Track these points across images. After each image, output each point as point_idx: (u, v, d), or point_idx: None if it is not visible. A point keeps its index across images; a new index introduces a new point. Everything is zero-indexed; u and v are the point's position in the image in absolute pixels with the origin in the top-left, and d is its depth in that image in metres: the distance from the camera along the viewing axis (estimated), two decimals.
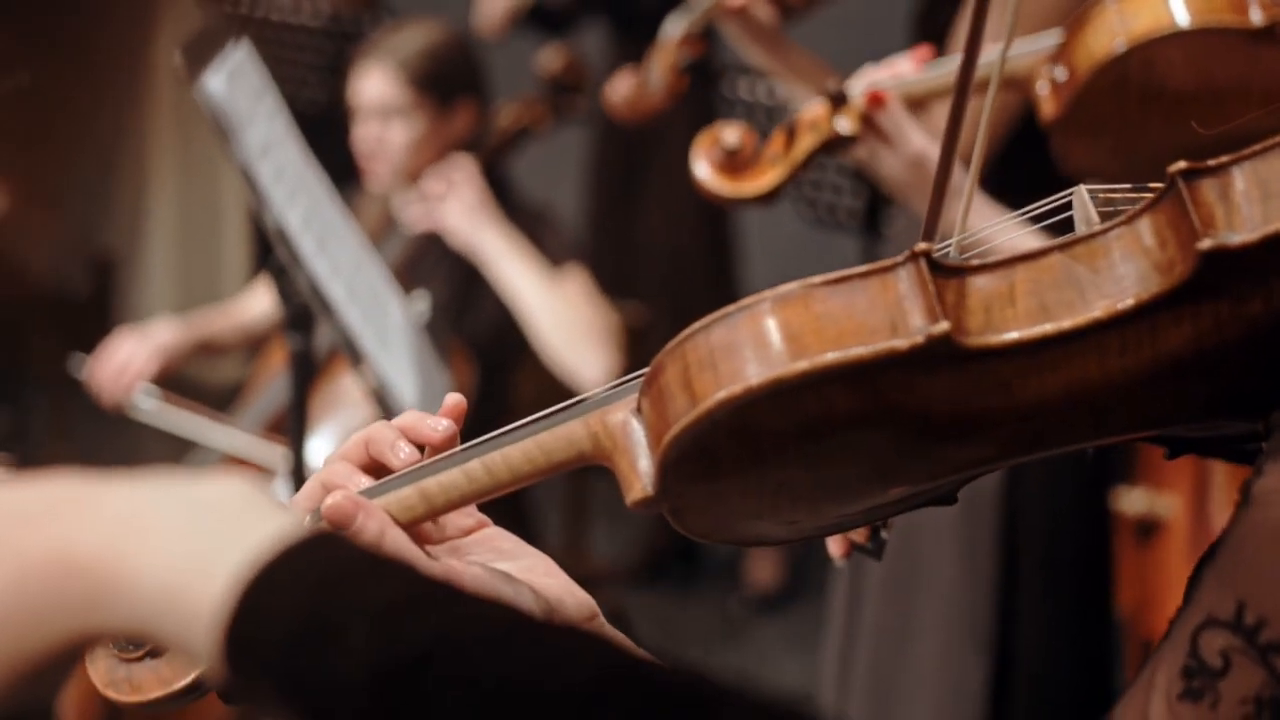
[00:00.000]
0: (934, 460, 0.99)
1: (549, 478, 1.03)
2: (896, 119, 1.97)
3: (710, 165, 2.09)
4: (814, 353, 0.91)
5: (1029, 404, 0.95)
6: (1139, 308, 0.93)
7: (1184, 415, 0.99)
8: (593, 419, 1.01)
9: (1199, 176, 0.93)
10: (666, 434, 0.95)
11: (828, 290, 0.93)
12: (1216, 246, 0.90)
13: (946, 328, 0.91)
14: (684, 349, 0.95)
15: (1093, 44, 1.85)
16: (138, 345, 3.33)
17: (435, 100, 3.33)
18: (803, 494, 1.00)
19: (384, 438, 1.05)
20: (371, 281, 2.59)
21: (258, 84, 2.41)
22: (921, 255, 0.93)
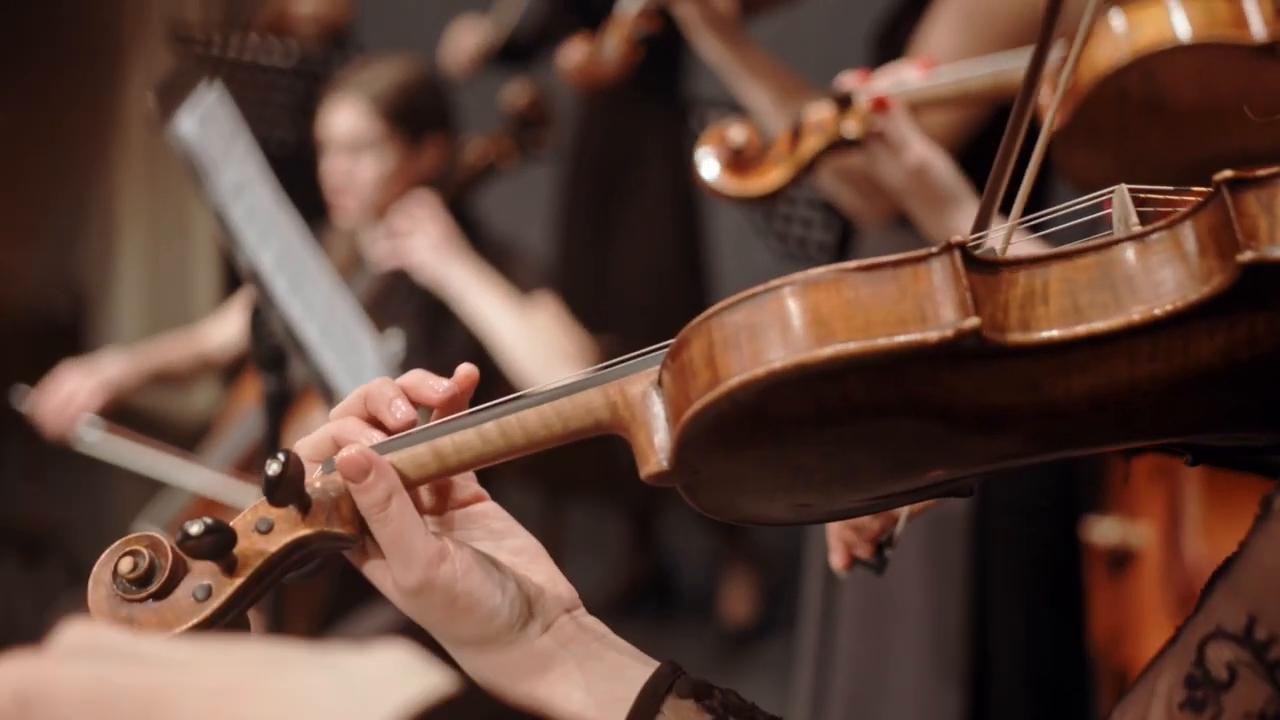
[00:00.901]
0: (955, 453, 0.97)
1: (565, 444, 1.02)
2: (900, 125, 1.97)
3: (716, 163, 2.09)
4: (840, 339, 0.90)
5: (1055, 404, 0.93)
6: (1174, 315, 0.91)
7: (1212, 424, 0.97)
8: (612, 388, 1.00)
9: (1245, 187, 0.91)
10: (687, 410, 0.94)
11: (859, 276, 0.91)
12: (1258, 259, 0.88)
13: (977, 323, 0.89)
14: (710, 325, 0.94)
15: (1096, 55, 1.87)
16: (82, 379, 3.36)
17: (405, 135, 3.34)
18: (818, 478, 0.98)
19: (383, 395, 1.05)
20: (345, 321, 2.59)
21: (230, 126, 2.41)
22: (957, 247, 0.92)
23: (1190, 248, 0.92)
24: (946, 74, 2.05)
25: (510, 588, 1.04)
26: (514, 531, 1.09)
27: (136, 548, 0.97)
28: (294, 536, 0.99)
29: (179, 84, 2.33)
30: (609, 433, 1.01)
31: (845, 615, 2.76)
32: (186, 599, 0.98)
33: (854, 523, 1.55)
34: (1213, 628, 0.91)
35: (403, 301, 3.34)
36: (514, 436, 1.02)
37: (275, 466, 0.97)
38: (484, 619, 1.03)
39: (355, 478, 0.99)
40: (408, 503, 1.01)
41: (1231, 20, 1.82)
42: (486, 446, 1.02)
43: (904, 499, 1.04)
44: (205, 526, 0.95)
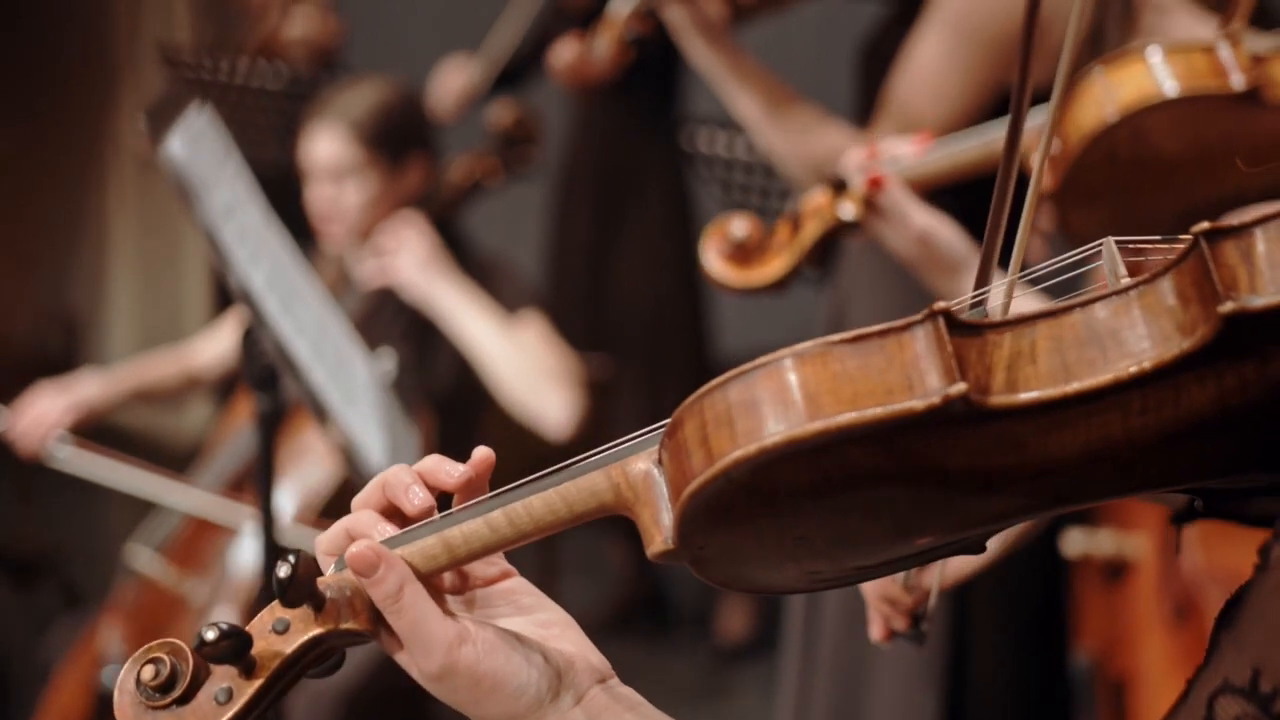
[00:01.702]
0: (955, 515, 0.98)
1: (573, 527, 1.04)
2: (898, 200, 1.99)
3: (719, 257, 2.12)
4: (830, 413, 0.91)
5: (1050, 461, 0.94)
6: (1161, 368, 0.91)
7: (1212, 471, 0.97)
8: (615, 470, 1.02)
9: (1222, 237, 0.91)
10: (684, 489, 0.95)
11: (845, 349, 0.93)
12: (1238, 309, 0.89)
13: (964, 389, 0.90)
14: (702, 405, 0.95)
15: (1081, 117, 1.89)
16: (53, 398, 3.39)
17: (387, 158, 3.35)
18: (822, 547, 0.99)
19: (400, 482, 1.07)
20: (336, 340, 2.59)
21: (220, 147, 2.42)
22: (940, 314, 0.93)
23: (1173, 300, 0.92)
24: (939, 147, 2.07)
25: (537, 662, 1.05)
26: (542, 605, 1.10)
27: (158, 655, 1.00)
28: (309, 635, 1.02)
29: (169, 106, 2.34)
30: (614, 514, 1.03)
31: (828, 624, 2.76)
32: (209, 703, 1.00)
33: (888, 595, 1.58)
34: (1220, 682, 0.92)
35: (390, 320, 3.36)
36: (521, 524, 1.03)
37: (285, 569, 1.00)
38: (511, 696, 1.03)
39: (365, 572, 1.01)
40: (421, 592, 1.02)
41: (1210, 71, 1.85)
42: (494, 535, 1.03)
43: (915, 560, 1.05)
44: (220, 632, 0.98)
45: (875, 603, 1.59)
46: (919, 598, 1.58)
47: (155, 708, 1.00)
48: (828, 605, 2.76)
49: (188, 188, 2.26)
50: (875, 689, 2.73)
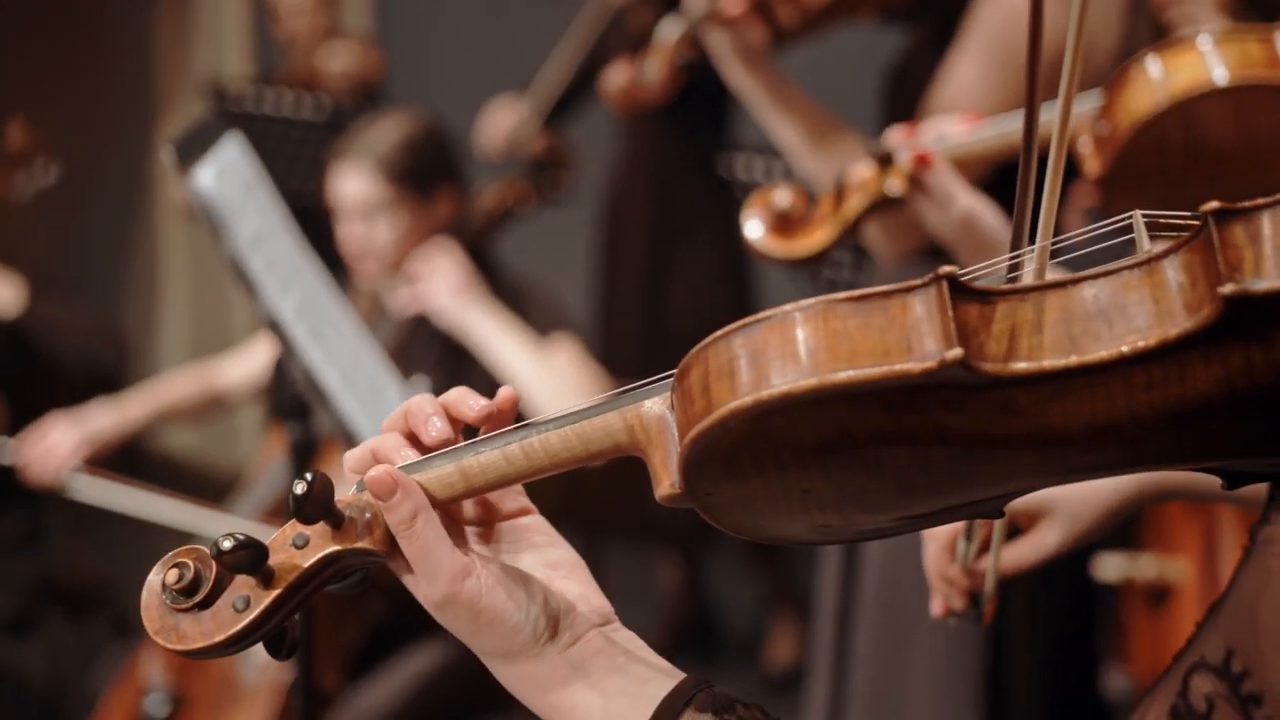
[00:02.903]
0: (961, 479, 0.98)
1: (588, 464, 1.06)
2: (944, 179, 1.98)
3: (762, 226, 2.11)
4: (826, 370, 0.92)
5: (1054, 432, 0.93)
6: (1165, 345, 0.91)
7: (1222, 450, 0.96)
8: (630, 412, 1.04)
9: (1230, 218, 0.91)
10: (687, 435, 0.97)
11: (848, 307, 0.93)
12: (1239, 291, 0.89)
13: (960, 354, 0.90)
14: (707, 354, 0.97)
15: (1133, 103, 1.87)
16: (65, 430, 3.42)
17: (415, 192, 3.36)
18: (830, 502, 0.99)
19: (421, 411, 1.10)
20: (369, 368, 2.60)
21: (250, 176, 2.44)
22: (944, 278, 0.93)
23: (1182, 278, 0.92)
24: (989, 127, 2.05)
25: (538, 601, 1.07)
26: (554, 544, 1.14)
27: (184, 560, 1.05)
28: (326, 552, 1.05)
29: (199, 136, 2.36)
30: (628, 454, 1.05)
31: (861, 649, 2.75)
32: (227, 609, 1.04)
33: (947, 575, 1.59)
34: (1197, 658, 0.93)
35: (424, 347, 3.37)
36: (537, 457, 1.06)
37: (301, 486, 1.03)
38: (508, 633, 1.07)
39: (382, 495, 1.04)
40: (434, 520, 1.06)
41: (1266, 60, 1.82)
42: (510, 467, 1.06)
43: (929, 520, 1.05)
44: (236, 542, 1.03)
45: (936, 581, 1.61)
46: (977, 580, 1.59)
47: (179, 610, 1.04)
48: (860, 629, 2.74)
49: (213, 217, 2.28)
50: (910, 703, 2.71)
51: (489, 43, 5.84)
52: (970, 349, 0.91)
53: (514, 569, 1.08)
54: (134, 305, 6.71)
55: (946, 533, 1.60)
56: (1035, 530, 1.61)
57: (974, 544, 1.59)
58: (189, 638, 1.04)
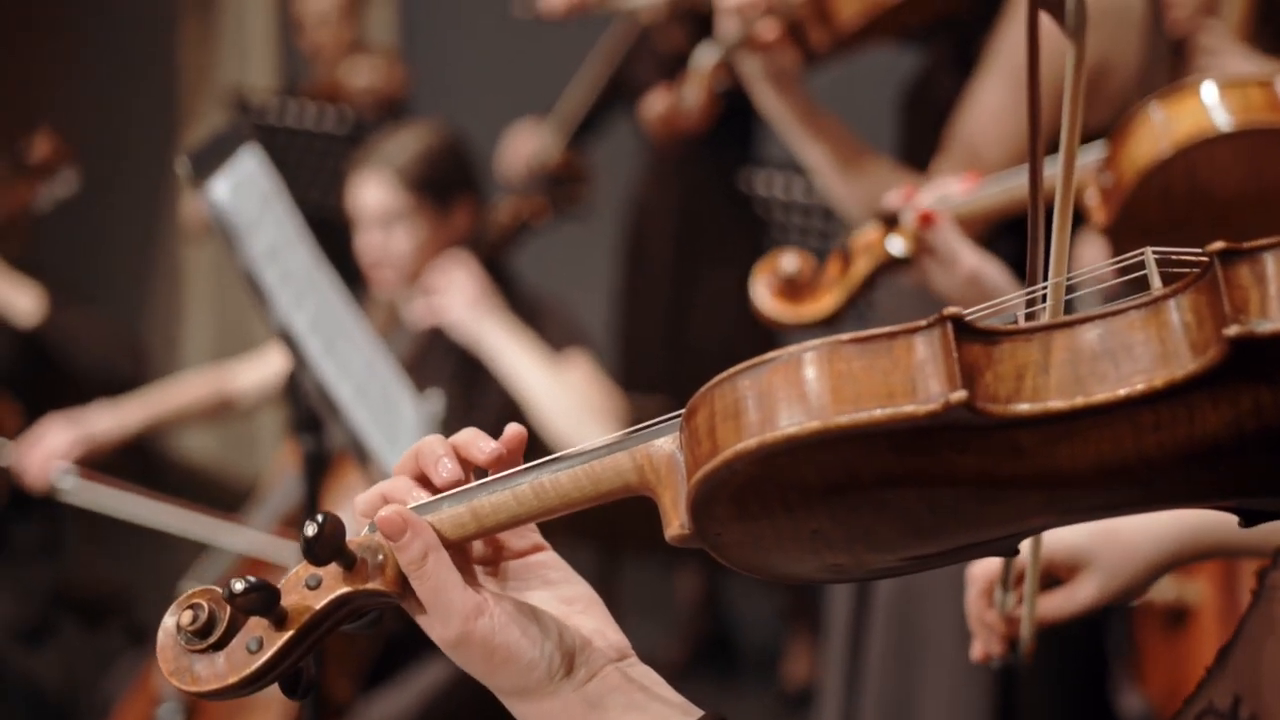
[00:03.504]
0: (971, 519, 0.97)
1: (598, 505, 1.07)
2: (948, 238, 1.99)
3: (769, 291, 2.12)
4: (831, 412, 0.92)
5: (1062, 473, 0.93)
6: (1171, 387, 0.90)
7: (1236, 490, 0.96)
8: (640, 452, 1.04)
9: (1236, 259, 0.91)
10: (693, 477, 0.97)
11: (853, 349, 0.93)
12: (1244, 333, 0.88)
13: (964, 396, 0.90)
14: (713, 395, 0.97)
15: (1136, 152, 1.88)
16: (61, 431, 3.44)
17: (434, 202, 3.37)
18: (839, 543, 0.99)
19: (432, 452, 1.10)
20: (383, 381, 2.60)
21: (267, 189, 2.44)
22: (949, 319, 0.93)
23: (1189, 318, 0.91)
24: (990, 185, 2.05)
25: (552, 638, 1.07)
26: (569, 581, 1.13)
27: (198, 601, 1.06)
28: (338, 593, 1.06)
29: (214, 149, 2.36)
30: (638, 494, 1.05)
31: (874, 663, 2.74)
32: (241, 650, 1.05)
33: (985, 620, 1.61)
34: (1206, 704, 0.93)
35: (440, 360, 3.38)
36: (547, 497, 1.06)
37: (312, 528, 1.04)
38: (523, 670, 1.06)
39: (393, 536, 1.05)
40: (445, 559, 1.05)
41: (1267, 104, 1.83)
42: (521, 507, 1.06)
43: (941, 559, 1.04)
44: (247, 585, 1.03)
45: (975, 626, 1.62)
46: (1015, 627, 1.60)
47: (193, 651, 1.05)
48: (873, 645, 2.73)
49: (228, 229, 2.29)
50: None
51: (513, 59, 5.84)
52: (975, 390, 0.91)
53: (527, 606, 1.08)
54: (156, 315, 6.73)
55: (985, 579, 1.62)
56: (1073, 582, 1.62)
57: (1012, 592, 1.60)
58: (203, 679, 1.05)
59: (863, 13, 2.49)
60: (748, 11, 2.50)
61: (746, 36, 2.51)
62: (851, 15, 2.50)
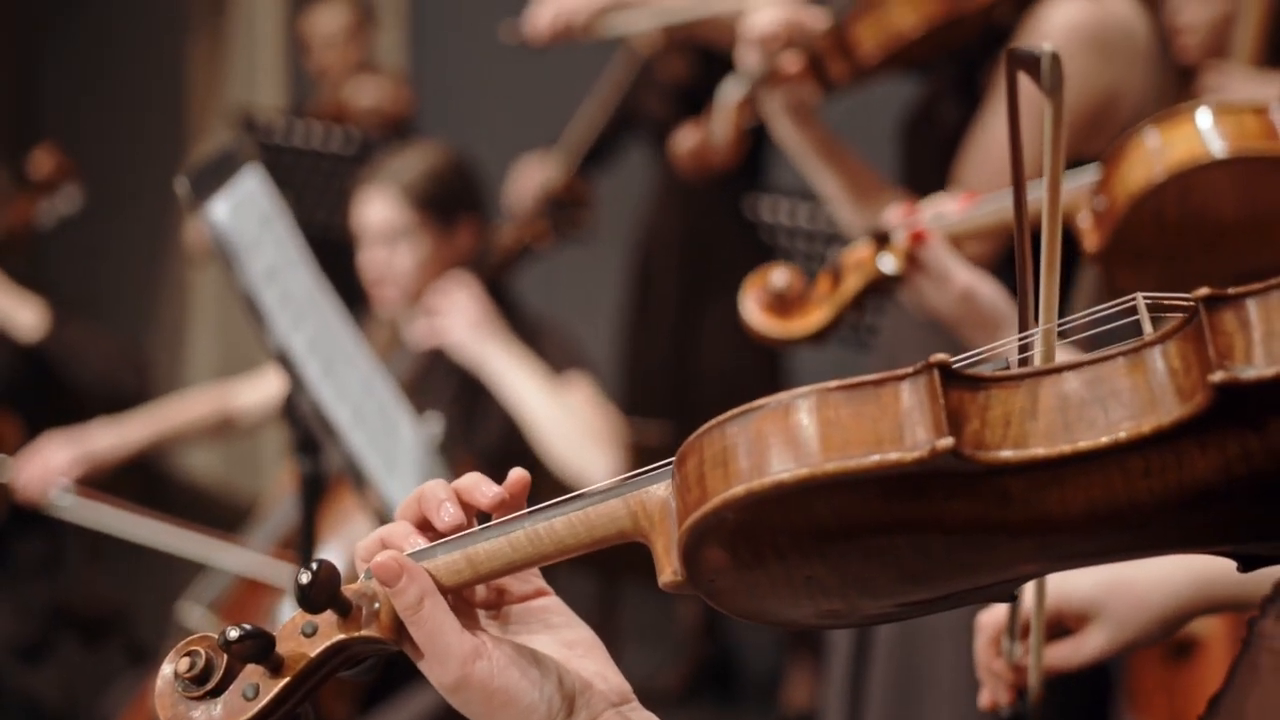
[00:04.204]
0: (963, 566, 0.97)
1: (593, 551, 1.07)
2: (940, 256, 1.99)
3: (758, 306, 2.12)
4: (818, 460, 0.92)
5: (1052, 519, 0.93)
6: (1159, 433, 0.90)
7: (1225, 537, 0.96)
8: (634, 499, 1.04)
9: (1221, 305, 0.91)
10: (684, 524, 0.98)
11: (840, 396, 0.94)
12: (1229, 380, 0.88)
13: (951, 443, 0.90)
14: (703, 442, 0.97)
15: (1129, 176, 1.87)
16: (59, 447, 3.45)
17: (438, 221, 3.38)
18: (833, 589, 0.99)
19: (434, 497, 1.10)
20: (381, 403, 2.60)
21: (267, 209, 2.44)
22: (936, 366, 0.93)
23: (1176, 364, 0.91)
24: (986, 204, 2.05)
25: (551, 681, 1.07)
26: (571, 624, 1.13)
27: (195, 649, 1.06)
28: (333, 640, 1.06)
29: (214, 169, 2.36)
30: (632, 541, 1.05)
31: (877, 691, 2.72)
32: (237, 698, 1.06)
33: (993, 668, 1.60)
34: None
35: (441, 381, 3.38)
36: (543, 544, 1.06)
37: (306, 575, 1.04)
38: (523, 713, 1.06)
39: (388, 581, 1.05)
40: (441, 604, 1.06)
41: (1261, 132, 1.82)
42: (517, 553, 1.06)
43: (937, 605, 1.04)
44: (243, 632, 1.04)
45: (983, 674, 1.62)
46: (1022, 676, 1.60)
47: (190, 698, 1.06)
48: (874, 674, 2.72)
49: (227, 250, 2.28)
50: None
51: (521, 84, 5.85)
52: (963, 437, 0.91)
53: (527, 649, 1.08)
54: (161, 333, 6.74)
55: (993, 627, 1.62)
56: (1082, 633, 1.61)
57: (1019, 641, 1.60)
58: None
59: (883, 45, 2.50)
60: (770, 44, 2.51)
61: (770, 70, 2.52)
62: (872, 48, 2.51)
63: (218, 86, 6.49)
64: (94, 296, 6.59)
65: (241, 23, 6.49)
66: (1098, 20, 2.45)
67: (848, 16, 2.52)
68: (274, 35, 6.39)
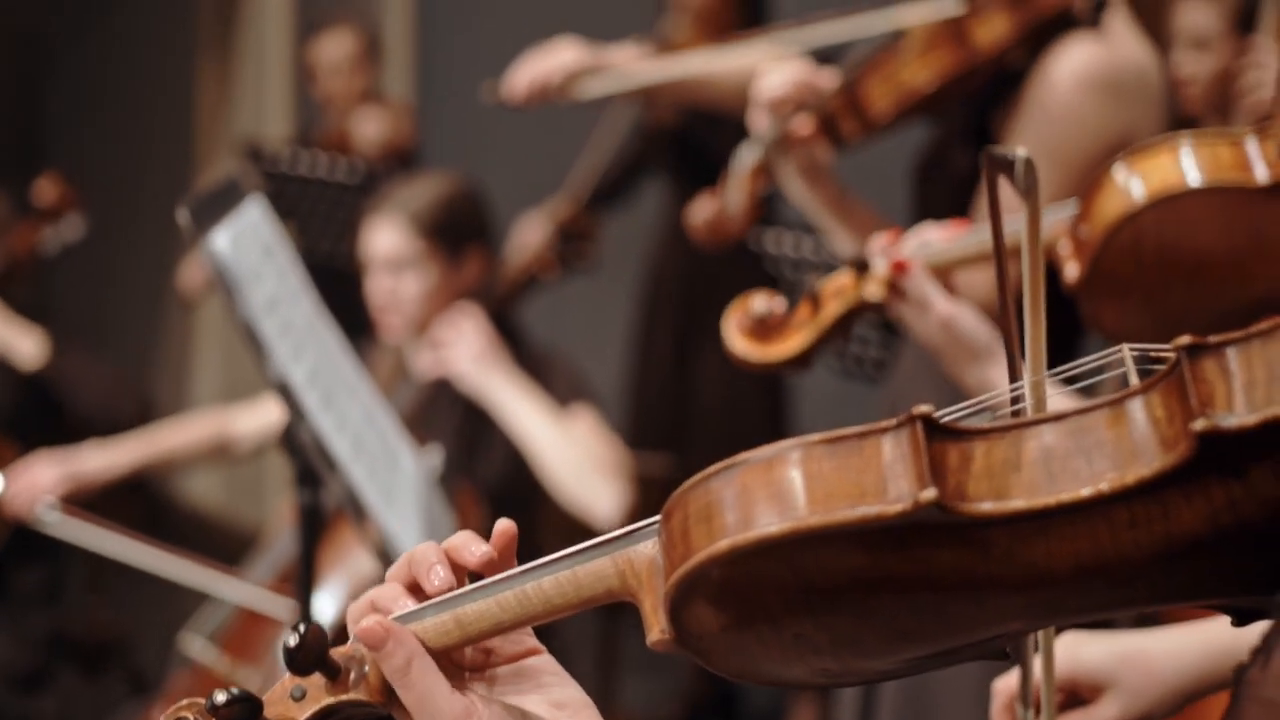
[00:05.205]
0: (953, 622, 0.97)
1: (582, 611, 1.06)
2: (920, 285, 2.00)
3: (739, 331, 2.15)
4: (802, 513, 0.92)
5: (1039, 573, 0.92)
6: (1143, 484, 0.90)
7: (1214, 591, 0.95)
8: (621, 557, 1.04)
9: (1203, 353, 0.91)
10: (669, 581, 0.97)
11: (823, 449, 0.94)
12: (1210, 428, 0.88)
13: (934, 495, 0.90)
14: (687, 498, 0.97)
15: (1105, 207, 1.88)
16: (48, 465, 3.46)
17: (446, 250, 3.38)
18: (824, 647, 0.98)
19: (424, 560, 1.10)
20: (382, 434, 2.59)
21: (269, 240, 2.43)
22: (919, 418, 0.93)
23: (1159, 414, 0.91)
24: (971, 234, 2.06)
25: None
26: (562, 684, 1.12)
27: (185, 714, 1.05)
28: (322, 704, 1.06)
29: (216, 200, 2.35)
30: (621, 599, 1.04)
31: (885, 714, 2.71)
32: None
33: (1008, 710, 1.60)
34: None
35: (446, 412, 3.38)
36: (531, 605, 1.06)
37: (294, 638, 1.04)
38: None
39: (374, 646, 1.05)
40: (429, 667, 1.05)
41: (1235, 164, 1.82)
42: (505, 614, 1.06)
43: (930, 662, 1.03)
44: (230, 696, 1.04)
45: (998, 716, 1.62)
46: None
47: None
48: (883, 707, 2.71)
49: (228, 281, 2.28)
50: None
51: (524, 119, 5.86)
52: (946, 489, 0.91)
53: (517, 709, 1.08)
54: (166, 362, 6.74)
55: (1007, 693, 1.61)
56: (1096, 703, 1.61)
57: (1031, 710, 1.59)
58: None
59: (896, 102, 2.52)
60: (781, 108, 2.51)
61: (783, 133, 2.52)
62: (885, 106, 2.52)
63: (225, 116, 6.50)
64: (99, 324, 6.59)
65: (249, 53, 6.51)
66: (1109, 63, 2.45)
67: (858, 75, 2.52)
68: (282, 66, 6.41)
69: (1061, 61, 2.44)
